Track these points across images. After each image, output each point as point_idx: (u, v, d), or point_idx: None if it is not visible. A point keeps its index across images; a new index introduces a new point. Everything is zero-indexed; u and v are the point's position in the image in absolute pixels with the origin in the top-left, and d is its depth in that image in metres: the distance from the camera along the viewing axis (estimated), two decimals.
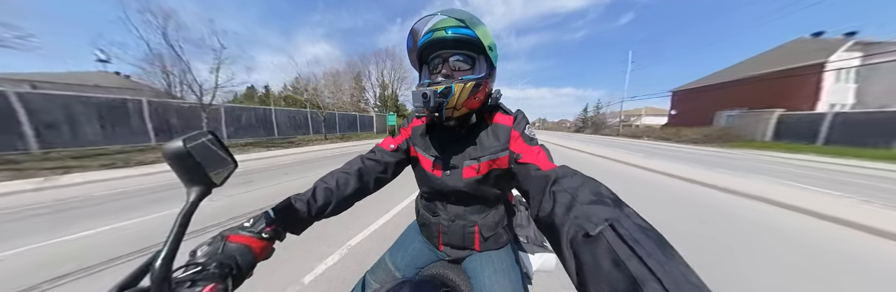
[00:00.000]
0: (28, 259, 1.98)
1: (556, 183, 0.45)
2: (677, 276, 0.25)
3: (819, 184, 4.75)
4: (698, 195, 4.02)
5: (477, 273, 0.72)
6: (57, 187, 4.00)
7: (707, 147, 13.19)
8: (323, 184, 0.66)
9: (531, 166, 0.56)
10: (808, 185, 4.66)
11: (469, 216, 0.74)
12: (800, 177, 5.51)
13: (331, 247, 2.17)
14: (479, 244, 0.75)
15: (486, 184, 0.69)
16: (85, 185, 4.18)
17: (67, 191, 3.85)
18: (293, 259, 1.96)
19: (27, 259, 1.98)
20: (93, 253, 2.02)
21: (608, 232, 0.31)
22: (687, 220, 2.94)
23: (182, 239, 0.33)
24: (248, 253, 0.46)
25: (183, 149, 0.32)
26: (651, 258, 0.26)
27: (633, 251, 0.28)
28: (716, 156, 9.01)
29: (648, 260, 0.26)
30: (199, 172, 0.34)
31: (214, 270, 0.39)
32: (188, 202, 0.33)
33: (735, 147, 12.71)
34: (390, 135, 0.83)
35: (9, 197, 3.57)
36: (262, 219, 0.53)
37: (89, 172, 4.98)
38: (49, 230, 2.46)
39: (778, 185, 4.53)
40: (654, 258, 0.26)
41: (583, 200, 0.38)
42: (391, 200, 3.37)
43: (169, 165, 0.33)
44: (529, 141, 0.63)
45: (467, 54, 0.62)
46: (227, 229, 0.50)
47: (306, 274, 1.79)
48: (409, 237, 0.88)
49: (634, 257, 0.27)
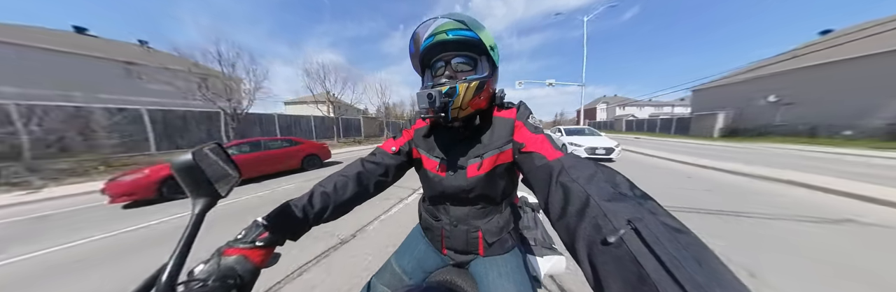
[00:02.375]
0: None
1: (562, 173, 0.42)
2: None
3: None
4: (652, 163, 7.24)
5: (482, 277, 0.70)
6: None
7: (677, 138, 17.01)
8: (320, 188, 0.65)
9: (535, 155, 0.53)
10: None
11: (472, 220, 0.72)
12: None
13: (390, 201, 3.65)
14: (482, 249, 0.73)
15: (491, 181, 0.66)
16: None
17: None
18: (369, 208, 3.32)
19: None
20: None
21: (630, 236, 0.27)
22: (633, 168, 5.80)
23: (188, 253, 0.32)
24: (247, 263, 0.46)
25: (192, 162, 0.33)
26: (682, 270, 0.23)
27: (660, 261, 0.24)
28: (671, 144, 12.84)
29: (679, 273, 0.23)
30: (206, 184, 0.34)
31: (215, 284, 0.39)
32: (194, 214, 0.33)
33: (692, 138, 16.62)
34: (392, 138, 0.81)
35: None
36: (253, 228, 0.52)
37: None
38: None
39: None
40: (686, 270, 0.23)
41: (598, 195, 0.35)
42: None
43: (177, 178, 0.33)
44: (534, 129, 0.60)
45: (469, 56, 0.61)
46: (223, 245, 0.50)
47: (382, 214, 3.16)
48: (415, 240, 0.86)
49: (662, 270, 0.24)
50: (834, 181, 4.11)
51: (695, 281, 0.22)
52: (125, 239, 2.71)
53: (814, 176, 4.54)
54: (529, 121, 0.63)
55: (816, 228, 2.54)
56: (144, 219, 3.27)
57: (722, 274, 0.23)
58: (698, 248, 0.25)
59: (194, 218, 0.33)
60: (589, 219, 0.33)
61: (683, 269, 0.23)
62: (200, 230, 0.33)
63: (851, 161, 6.54)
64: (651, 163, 6.99)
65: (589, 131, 8.90)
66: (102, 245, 2.58)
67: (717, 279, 0.22)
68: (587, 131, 8.89)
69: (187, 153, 0.33)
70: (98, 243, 2.62)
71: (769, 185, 4.28)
